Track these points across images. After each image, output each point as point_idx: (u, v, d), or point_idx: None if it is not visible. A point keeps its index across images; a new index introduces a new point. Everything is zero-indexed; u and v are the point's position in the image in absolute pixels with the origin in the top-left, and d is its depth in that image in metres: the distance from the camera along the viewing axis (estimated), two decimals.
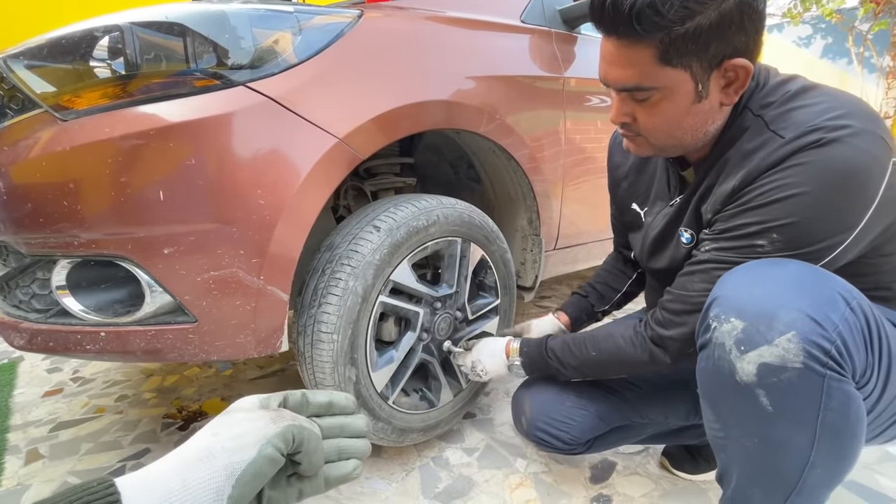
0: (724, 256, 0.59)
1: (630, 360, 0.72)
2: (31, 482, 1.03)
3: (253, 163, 0.73)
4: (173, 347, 0.78)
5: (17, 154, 0.74)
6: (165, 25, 0.72)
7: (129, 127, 0.70)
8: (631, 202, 0.84)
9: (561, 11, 1.28)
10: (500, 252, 1.12)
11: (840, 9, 7.19)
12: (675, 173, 0.73)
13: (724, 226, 0.60)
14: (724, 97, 0.59)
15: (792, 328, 0.48)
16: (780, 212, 0.54)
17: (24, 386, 1.50)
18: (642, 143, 0.66)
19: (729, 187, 0.59)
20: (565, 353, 0.80)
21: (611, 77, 0.61)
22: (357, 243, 0.86)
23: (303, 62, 0.79)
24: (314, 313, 0.84)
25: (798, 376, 0.48)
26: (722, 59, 0.55)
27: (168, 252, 0.72)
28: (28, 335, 0.81)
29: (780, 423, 0.51)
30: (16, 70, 0.75)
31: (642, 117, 0.62)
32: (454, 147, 1.27)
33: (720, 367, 0.53)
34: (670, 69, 0.56)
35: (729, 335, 0.52)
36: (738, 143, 0.60)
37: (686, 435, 0.92)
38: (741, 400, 0.52)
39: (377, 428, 0.93)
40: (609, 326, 0.79)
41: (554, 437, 0.84)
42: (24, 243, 0.78)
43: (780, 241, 0.55)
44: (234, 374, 1.51)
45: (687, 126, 0.61)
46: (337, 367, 0.85)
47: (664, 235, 0.74)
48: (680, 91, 0.57)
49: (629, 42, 0.56)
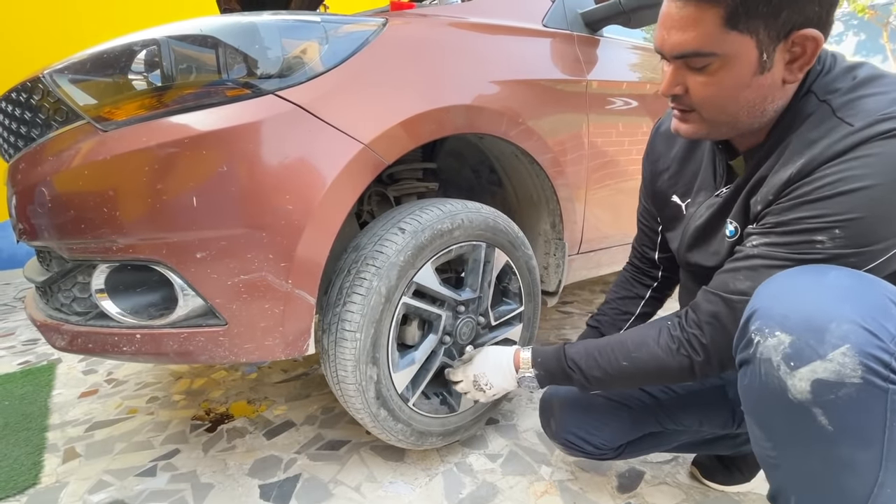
0: (777, 252, 0.55)
1: (668, 370, 0.66)
2: (68, 480, 1.07)
3: (282, 169, 0.75)
4: (204, 349, 0.80)
5: (60, 163, 0.78)
6: (199, 38, 0.75)
7: (164, 136, 0.73)
8: (672, 194, 0.79)
9: (583, 14, 1.27)
10: (525, 258, 1.11)
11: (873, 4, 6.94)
12: (722, 162, 0.69)
13: (777, 219, 0.55)
14: (787, 73, 0.54)
15: (846, 341, 0.45)
16: (846, 206, 0.50)
17: (62, 387, 1.56)
18: (694, 120, 0.61)
19: (784, 176, 0.54)
20: (591, 366, 0.72)
21: (668, 43, 0.56)
22: (382, 244, 0.87)
23: (329, 70, 0.81)
24: (339, 312, 0.86)
25: (858, 392, 0.45)
26: (791, 30, 0.51)
27: (200, 256, 0.74)
28: (69, 337, 0.84)
29: (843, 443, 0.48)
30: (61, 84, 0.78)
31: (696, 88, 0.57)
32: (476, 151, 1.27)
33: (768, 385, 0.50)
34: (735, 34, 0.51)
35: (776, 350, 0.49)
36: (799, 129, 0.55)
37: (720, 445, 0.89)
38: (796, 419, 0.49)
39: (396, 430, 0.94)
40: (640, 331, 0.71)
41: (584, 441, 0.81)
42: (66, 248, 0.81)
43: (842, 237, 0.51)
44: (260, 377, 1.54)
45: (744, 100, 0.56)
46: (359, 366, 0.85)
47: (708, 227, 0.69)
48: (742, 59, 0.53)
49: (696, 2, 0.52)
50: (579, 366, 0.74)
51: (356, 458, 1.09)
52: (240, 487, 1.01)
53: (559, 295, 1.34)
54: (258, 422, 1.27)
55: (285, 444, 1.16)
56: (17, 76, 0.89)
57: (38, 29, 3.15)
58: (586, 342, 0.76)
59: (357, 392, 0.87)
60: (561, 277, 1.29)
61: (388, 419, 0.92)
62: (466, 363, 0.92)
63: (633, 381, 0.72)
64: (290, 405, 1.34)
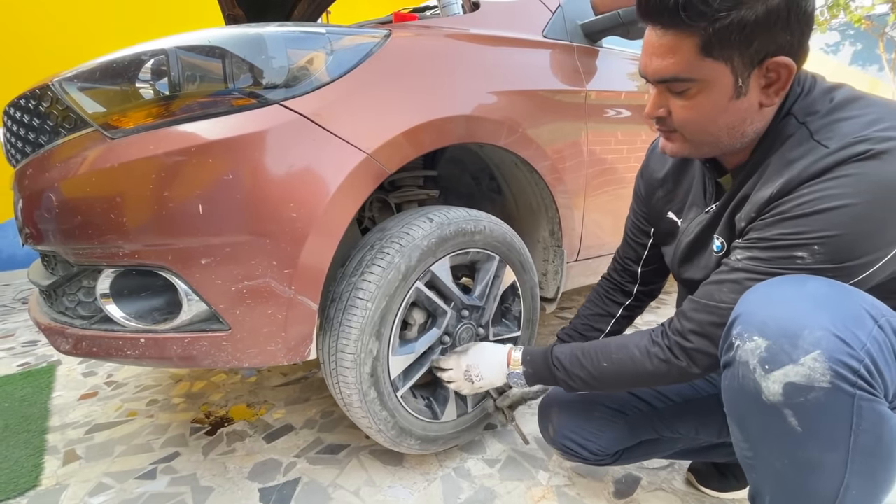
0: (759, 267, 0.58)
1: (647, 373, 0.69)
2: (68, 482, 1.08)
3: (286, 177, 0.76)
4: (207, 354, 0.81)
5: (69, 170, 0.79)
6: (207, 49, 0.76)
7: (171, 144, 0.74)
8: (667, 210, 0.82)
9: (582, 26, 1.29)
10: (531, 284, 1.15)
11: (869, 15, 7.01)
12: (711, 179, 0.72)
13: (759, 235, 0.58)
14: (764, 97, 0.58)
15: (817, 347, 0.48)
16: (824, 223, 0.52)
17: (62, 389, 1.57)
18: (678, 140, 0.65)
19: (766, 195, 0.58)
20: (574, 364, 0.76)
21: (650, 68, 0.60)
22: (410, 227, 0.92)
23: (334, 81, 0.83)
24: (354, 281, 0.88)
25: (826, 396, 0.48)
26: (764, 57, 0.54)
27: (205, 262, 0.75)
28: (73, 340, 0.85)
29: (811, 444, 0.50)
30: (70, 92, 0.80)
31: (678, 111, 0.61)
32: (476, 159, 1.29)
33: (745, 386, 0.53)
34: (711, 61, 0.55)
35: (752, 354, 0.51)
36: (779, 150, 0.59)
37: (716, 452, 0.90)
38: (769, 419, 0.52)
39: (380, 417, 0.93)
40: (623, 336, 0.75)
41: (581, 447, 0.83)
42: (72, 253, 0.82)
43: (821, 253, 0.53)
44: (259, 380, 1.55)
45: (723, 123, 0.59)
46: (362, 336, 0.86)
47: (697, 243, 0.72)
48: (718, 85, 0.56)
49: (673, 31, 0.56)
50: (563, 365, 0.77)
51: (355, 463, 1.10)
52: (239, 491, 1.02)
53: (557, 301, 1.35)
54: (258, 425, 1.28)
55: (285, 448, 1.17)
56: (24, 85, 0.91)
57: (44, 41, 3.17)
58: (573, 344, 0.80)
59: (353, 364, 0.87)
60: (559, 284, 1.30)
61: (376, 402, 0.92)
62: (461, 353, 0.94)
63: (614, 382, 0.74)
64: (290, 409, 1.35)
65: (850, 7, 7.16)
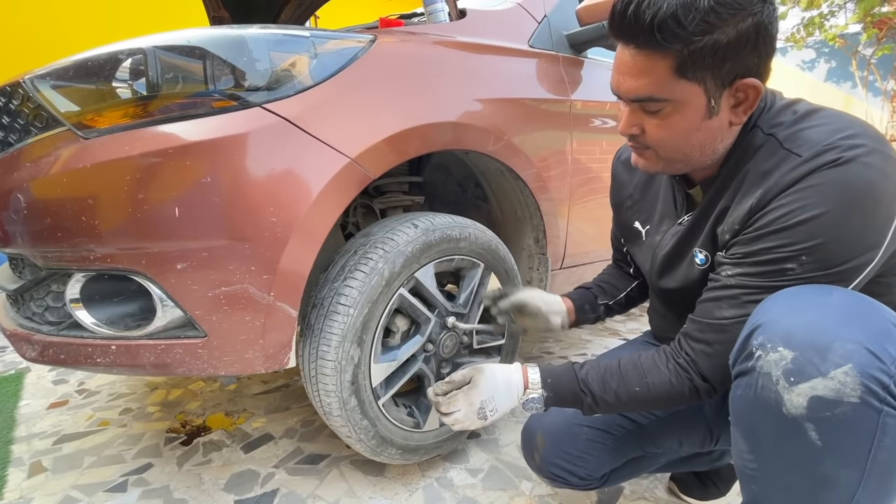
0: (753, 282, 0.58)
1: (677, 395, 0.65)
2: (33, 496, 1.03)
3: (267, 181, 0.75)
4: (182, 362, 0.78)
5: (38, 170, 0.76)
6: (187, 49, 0.75)
7: (148, 145, 0.72)
8: (633, 221, 0.83)
9: (568, 36, 1.31)
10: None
11: (843, 34, 7.28)
12: (681, 191, 0.73)
13: (745, 249, 0.59)
14: (733, 116, 0.59)
15: (849, 360, 0.46)
16: (804, 234, 0.54)
17: (30, 397, 1.51)
18: (650, 157, 0.66)
19: (746, 207, 0.59)
20: (603, 389, 0.68)
21: (624, 87, 0.61)
22: (394, 233, 0.91)
23: (317, 84, 0.82)
24: (337, 287, 0.86)
25: (853, 411, 0.46)
26: (735, 78, 0.56)
27: (181, 267, 0.73)
28: (40, 347, 0.82)
29: (829, 459, 0.49)
30: (41, 89, 0.77)
31: (652, 130, 0.62)
32: (462, 166, 1.28)
33: (763, 398, 0.51)
34: (685, 82, 0.56)
35: (776, 365, 0.50)
36: (751, 161, 0.60)
37: (697, 461, 0.90)
38: (786, 433, 0.50)
39: (361, 426, 0.91)
40: (646, 356, 0.69)
41: (569, 473, 0.81)
42: (40, 256, 0.79)
43: (809, 262, 0.54)
44: (238, 388, 1.51)
45: (695, 141, 0.61)
46: (343, 343, 0.85)
47: (675, 255, 0.73)
48: (692, 105, 0.58)
49: (648, 52, 0.56)
50: (591, 390, 0.69)
51: (336, 473, 1.07)
52: (214, 503, 0.99)
53: None
54: (236, 435, 1.24)
55: (263, 458, 1.14)
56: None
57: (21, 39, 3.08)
58: (594, 364, 0.72)
59: (334, 371, 0.85)
60: None
61: (356, 411, 0.90)
62: (469, 388, 0.73)
63: (643, 406, 0.70)
64: (270, 418, 1.32)
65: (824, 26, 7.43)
